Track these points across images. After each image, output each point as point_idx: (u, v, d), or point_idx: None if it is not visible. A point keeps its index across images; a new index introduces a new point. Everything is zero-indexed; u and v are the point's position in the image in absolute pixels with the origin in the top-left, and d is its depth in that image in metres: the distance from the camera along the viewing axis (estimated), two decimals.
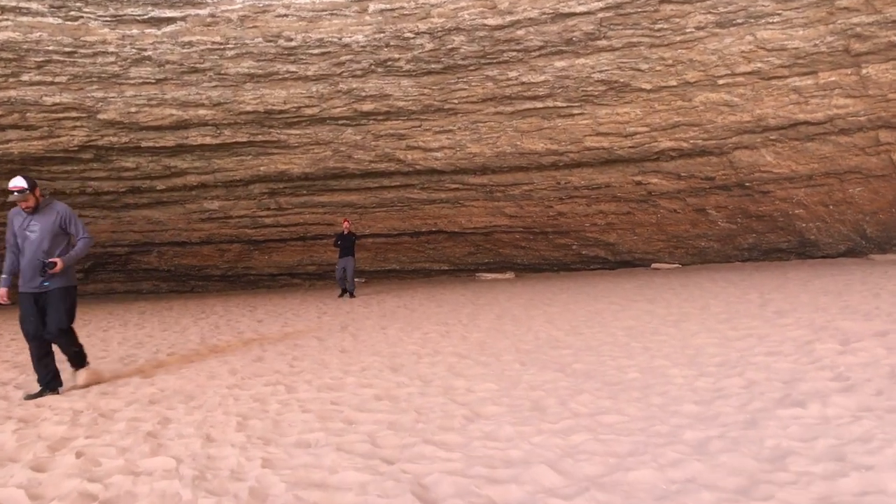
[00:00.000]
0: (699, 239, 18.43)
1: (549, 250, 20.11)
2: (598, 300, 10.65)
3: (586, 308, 9.64)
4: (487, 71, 15.32)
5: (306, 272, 22.07)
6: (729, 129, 15.60)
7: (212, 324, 10.56)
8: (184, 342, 8.61)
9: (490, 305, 10.96)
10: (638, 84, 15.20)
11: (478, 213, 19.34)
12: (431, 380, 5.60)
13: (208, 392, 5.60)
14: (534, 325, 8.20)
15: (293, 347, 7.71)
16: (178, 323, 10.93)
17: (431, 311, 10.53)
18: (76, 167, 17.94)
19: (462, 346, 7.13)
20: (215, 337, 8.92)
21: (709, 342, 6.37)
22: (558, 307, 10.03)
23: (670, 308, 9.03)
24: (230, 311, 12.96)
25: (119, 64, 15.26)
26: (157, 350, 8.05)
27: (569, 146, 16.77)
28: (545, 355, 6.29)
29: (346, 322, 9.79)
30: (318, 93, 15.97)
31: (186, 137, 17.11)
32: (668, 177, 17.24)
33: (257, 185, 19.06)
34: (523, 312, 9.57)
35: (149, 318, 12.34)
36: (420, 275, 22.02)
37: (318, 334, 8.71)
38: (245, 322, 10.56)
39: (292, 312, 11.76)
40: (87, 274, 21.83)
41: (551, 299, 11.27)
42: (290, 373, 6.23)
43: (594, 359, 5.94)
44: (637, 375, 5.23)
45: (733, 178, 16.66)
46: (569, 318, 8.71)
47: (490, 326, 8.38)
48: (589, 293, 12.00)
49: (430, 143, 17.20)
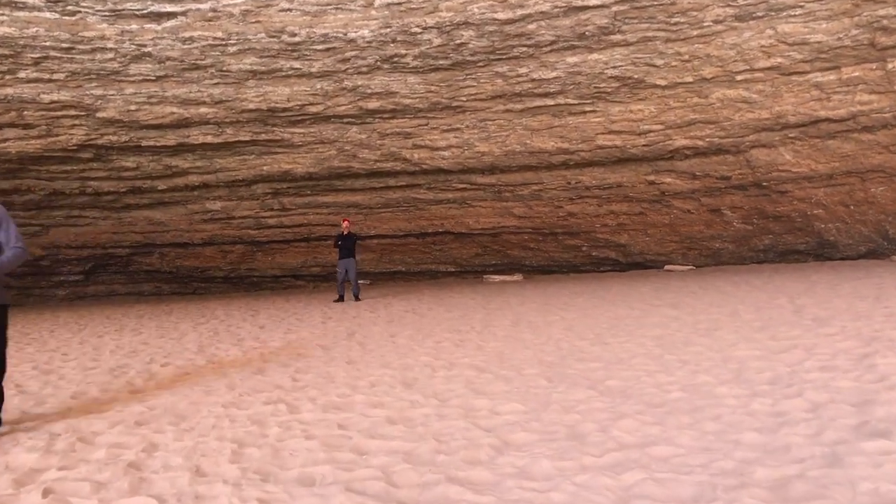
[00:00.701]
0: (713, 240, 17.81)
1: (558, 252, 19.50)
2: (616, 305, 10.03)
3: (606, 314, 9.03)
4: (497, 67, 14.72)
5: (310, 274, 21.49)
6: (746, 126, 14.98)
7: (211, 330, 9.96)
8: (180, 351, 8.02)
9: (503, 310, 10.35)
10: (652, 80, 14.60)
11: (485, 214, 18.74)
12: (449, 398, 5.00)
13: (202, 411, 5.01)
14: (553, 333, 7.58)
15: (296, 358, 7.11)
16: (176, 329, 10.33)
17: (442, 317, 9.92)
18: (75, 167, 17.39)
19: (479, 356, 6.52)
20: (214, 345, 8.32)
21: (751, 354, 5.75)
22: (576, 312, 9.41)
23: (697, 314, 8.41)
24: (231, 315, 12.36)
25: (118, 60, 14.69)
26: (150, 360, 7.46)
27: (580, 145, 16.17)
28: (572, 369, 5.68)
29: (353, 328, 9.18)
30: (323, 90, 15.39)
31: (188, 136, 16.55)
32: (682, 176, 16.63)
33: (260, 185, 18.49)
34: (540, 318, 8.96)
35: (146, 322, 11.75)
36: (426, 276, 21.42)
37: (324, 342, 8.11)
38: (246, 328, 9.97)
39: (296, 317, 11.16)
40: (88, 276, 21.30)
41: (567, 304, 10.66)
42: (292, 388, 5.63)
43: (628, 374, 5.33)
44: (681, 395, 4.62)
45: (750, 177, 16.04)
46: (589, 324, 8.09)
47: (506, 334, 7.76)
48: (605, 297, 11.38)
49: (437, 142, 16.61)
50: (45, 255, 20.18)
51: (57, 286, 21.35)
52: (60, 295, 21.62)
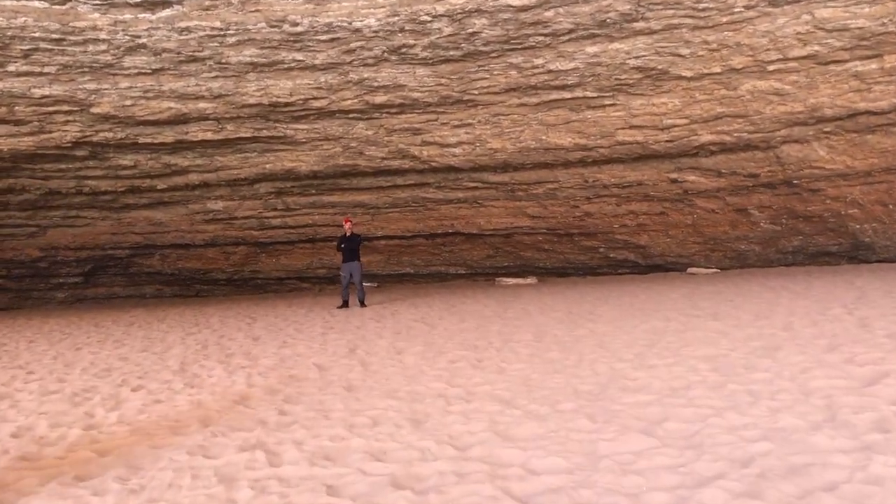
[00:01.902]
0: (739, 241, 16.64)
1: (574, 253, 18.37)
2: (648, 315, 8.90)
3: (640, 326, 7.91)
4: (511, 58, 13.62)
5: (316, 276, 20.45)
6: (778, 120, 13.83)
7: (201, 342, 8.90)
8: (159, 370, 6.96)
9: (522, 321, 9.24)
10: (677, 71, 13.46)
11: (498, 214, 17.63)
12: (468, 445, 3.91)
13: (161, 460, 3.95)
14: (585, 352, 6.48)
15: (287, 381, 6.03)
16: (163, 340, 9.29)
17: (454, 328, 8.83)
18: (71, 165, 16.41)
19: (501, 383, 5.42)
20: (198, 362, 7.26)
21: (835, 386, 4.64)
22: (605, 324, 8.30)
23: (744, 327, 7.28)
24: (226, 323, 11.31)
25: (112, 52, 13.68)
26: (122, 382, 6.41)
27: (599, 140, 15.04)
28: (617, 403, 4.58)
29: (355, 342, 8.10)
30: (327, 83, 14.33)
31: (186, 133, 15.53)
32: (706, 174, 15.47)
33: (263, 185, 17.46)
34: (565, 332, 7.85)
35: (134, 332, 10.70)
36: (435, 279, 20.33)
37: (321, 359, 7.03)
38: (239, 340, 8.91)
39: (294, 327, 10.10)
40: (87, 278, 20.33)
41: (592, 312, 9.54)
42: (277, 426, 4.56)
43: (689, 412, 4.23)
44: (768, 446, 3.52)
45: (780, 175, 14.87)
46: (625, 340, 6.98)
47: (530, 353, 6.66)
48: (633, 305, 10.25)
49: (447, 138, 15.52)
50: (42, 257, 19.23)
51: (56, 288, 20.40)
52: (59, 297, 20.67)
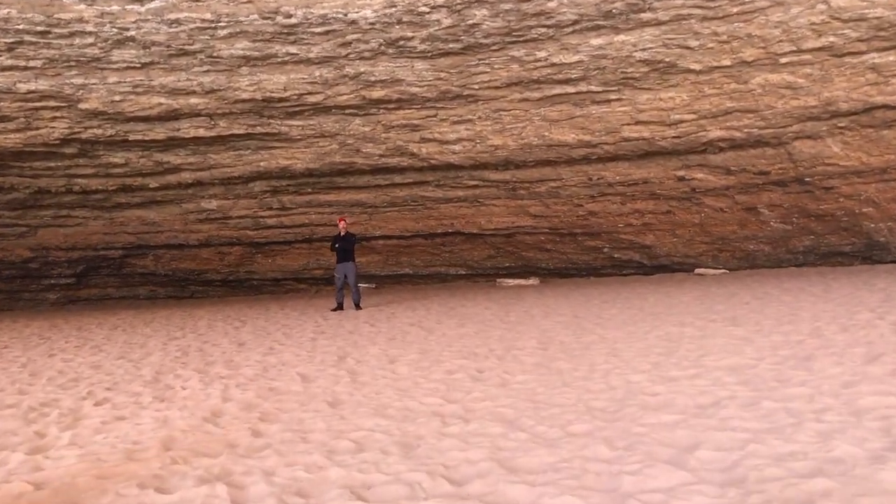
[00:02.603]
0: (748, 241, 15.99)
1: (577, 254, 17.72)
2: (661, 319, 8.25)
3: (654, 332, 7.26)
4: (513, 51, 12.98)
5: (312, 277, 19.82)
6: (790, 115, 13.18)
7: (182, 348, 8.26)
8: (131, 380, 6.32)
9: (525, 325, 8.59)
10: (686, 64, 12.82)
11: (499, 213, 16.99)
12: (467, 478, 3.27)
13: (107, 494, 3.34)
14: (596, 361, 5.83)
15: (267, 394, 5.39)
16: (143, 346, 8.64)
17: (453, 334, 8.18)
18: (60, 163, 15.78)
19: (504, 398, 4.78)
20: (175, 371, 6.62)
21: (888, 404, 3.99)
22: (615, 329, 7.65)
23: (769, 334, 6.63)
24: (214, 327, 10.67)
25: (99, 46, 13.05)
26: (88, 394, 5.77)
27: (603, 137, 14.40)
28: (638, 424, 3.93)
29: (346, 349, 7.45)
30: (322, 78, 13.70)
31: (178, 129, 14.89)
32: (715, 171, 14.83)
33: (258, 183, 16.82)
34: (573, 338, 7.20)
35: (116, 336, 10.06)
36: (435, 280, 19.69)
37: (306, 368, 6.39)
38: (223, 346, 8.26)
39: (284, 331, 9.46)
40: (80, 279, 19.70)
41: (600, 316, 8.89)
42: (247, 450, 3.92)
43: (725, 437, 3.58)
44: (828, 484, 2.88)
45: (791, 172, 14.23)
46: (638, 347, 6.33)
47: (536, 362, 6.01)
48: (643, 308, 9.60)
49: (446, 135, 14.88)
50: (33, 257, 18.60)
51: (47, 289, 19.77)
52: (51, 299, 20.04)
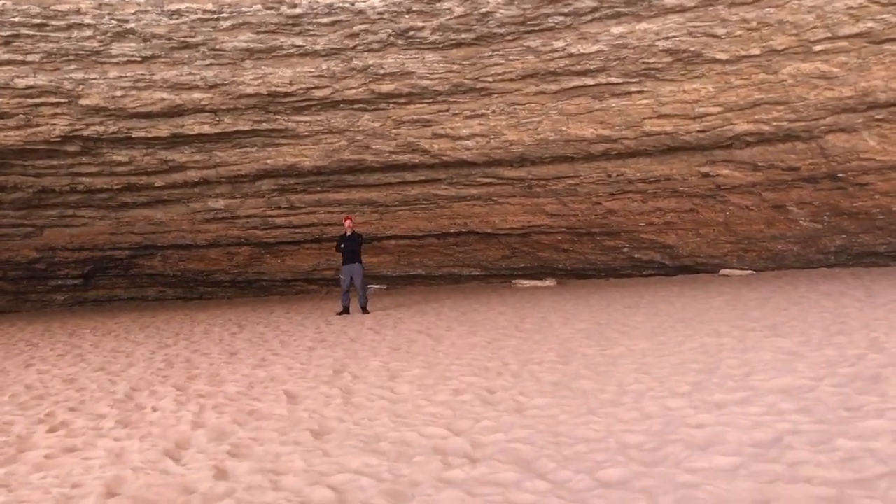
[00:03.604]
0: (775, 241, 15.02)
1: (595, 254, 16.83)
2: (692, 327, 7.38)
3: (686, 343, 6.40)
4: (528, 41, 12.15)
5: (323, 278, 19.08)
6: (823, 107, 12.24)
7: (169, 358, 7.51)
8: (101, 397, 5.58)
9: (542, 334, 7.75)
10: (712, 53, 11.91)
11: (514, 212, 16.15)
12: None
13: None
14: (626, 381, 4.99)
15: (245, 418, 4.61)
16: (130, 355, 7.91)
17: (463, 344, 7.36)
18: (63, 161, 15.17)
19: (519, 429, 3.95)
20: (151, 387, 5.87)
21: None
22: (643, 340, 6.79)
23: (819, 347, 5.75)
24: (210, 333, 9.93)
25: (98, 39, 12.40)
26: (46, 416, 5.03)
27: (624, 131, 13.52)
28: (685, 469, 3.10)
29: (344, 361, 6.66)
30: (329, 71, 12.94)
31: (182, 126, 14.22)
32: (741, 167, 13.89)
33: (265, 181, 16.11)
34: (596, 350, 6.35)
35: (106, 343, 9.35)
36: (448, 281, 18.87)
37: (296, 385, 5.60)
38: (213, 356, 7.51)
39: (281, 338, 8.69)
40: (87, 280, 19.10)
41: (624, 324, 8.03)
42: (203, 500, 3.11)
43: (800, 492, 2.75)
44: None
45: (823, 167, 13.26)
46: (672, 363, 5.48)
47: (556, 380, 5.18)
48: (670, 313, 8.73)
49: (459, 130, 14.07)
50: (39, 258, 18.01)
51: (55, 291, 19.20)
52: (59, 300, 19.48)
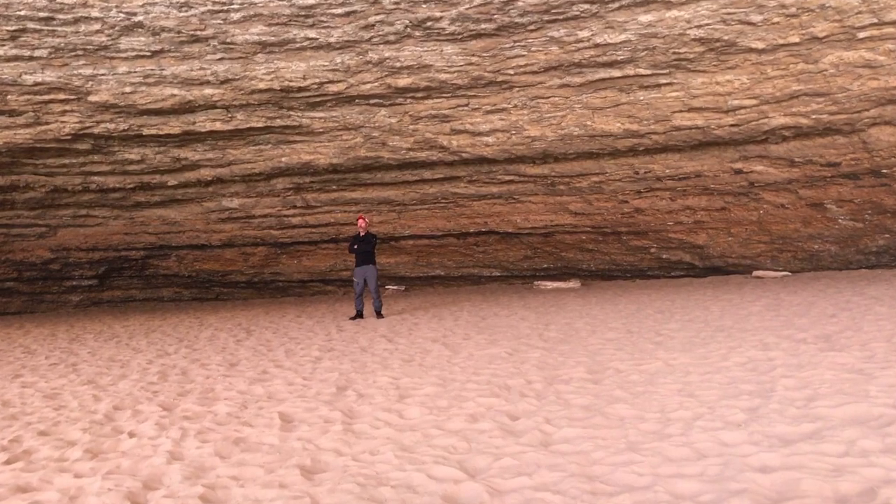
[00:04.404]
0: (812, 240, 14.13)
1: (621, 254, 16.04)
2: (733, 337, 6.63)
3: (731, 356, 5.65)
4: (552, 31, 11.44)
5: (340, 279, 18.51)
6: (867, 98, 11.38)
7: (164, 369, 6.92)
8: (79, 417, 5.00)
9: (569, 344, 7.03)
10: (747, 42, 11.10)
11: (536, 211, 15.42)
12: None
13: None
14: (669, 405, 4.27)
15: (230, 448, 3.97)
16: (125, 365, 7.35)
17: (482, 355, 6.67)
18: (74, 160, 14.75)
19: (546, 472, 3.26)
20: (137, 405, 5.28)
21: None
22: (681, 351, 6.05)
23: (885, 362, 5.00)
24: (215, 339, 9.35)
25: (106, 33, 11.92)
26: (10, 442, 4.45)
27: (652, 126, 12.74)
28: None
29: (350, 375, 6.01)
30: (344, 65, 12.34)
31: (193, 123, 13.71)
32: (776, 163, 13.03)
33: (280, 180, 15.55)
34: (630, 364, 5.63)
35: (104, 351, 8.80)
36: (468, 281, 18.19)
37: (294, 406, 4.96)
38: (212, 367, 6.91)
39: (288, 346, 8.07)
40: (102, 280, 18.71)
41: (658, 332, 7.29)
42: None
43: None
44: None
45: (865, 163, 12.38)
46: (719, 382, 4.75)
47: (587, 404, 4.48)
48: (707, 320, 7.97)
49: (479, 126, 13.39)
50: (54, 258, 17.64)
51: (69, 291, 18.84)
52: (74, 301, 19.13)
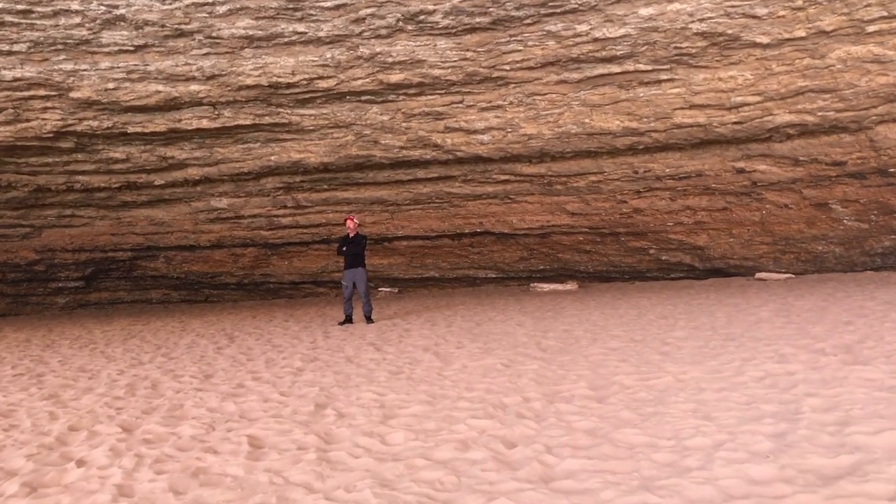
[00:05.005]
0: (816, 241, 13.67)
1: (619, 255, 15.56)
2: (745, 346, 6.14)
3: (747, 369, 5.17)
4: (549, 24, 10.97)
5: (332, 280, 18.00)
6: (875, 94, 10.94)
7: (134, 382, 6.41)
8: (28, 441, 4.48)
9: (569, 354, 6.54)
10: (751, 37, 10.65)
11: (533, 211, 14.94)
12: None
13: None
14: (684, 430, 3.77)
15: (189, 481, 3.48)
16: (94, 377, 6.82)
17: (476, 367, 6.17)
18: (58, 159, 14.21)
19: None
20: (95, 424, 4.75)
21: None
22: (691, 363, 5.56)
23: None
24: (195, 347, 8.83)
25: (87, 26, 11.40)
26: None
27: (652, 123, 12.28)
28: None
29: (332, 390, 5.49)
30: (334, 60, 11.84)
31: (179, 120, 13.19)
32: (780, 162, 12.58)
33: (270, 179, 15.03)
34: (638, 380, 5.14)
35: (75, 360, 8.27)
36: (463, 283, 17.70)
37: (265, 428, 4.44)
38: (184, 379, 6.40)
39: (269, 356, 7.56)
40: (89, 282, 18.17)
41: (664, 341, 6.80)
42: None
43: None
44: None
45: (872, 161, 11.94)
46: (738, 401, 4.26)
47: (592, 428, 3.98)
48: (714, 327, 7.48)
49: (474, 123, 12.91)
50: (39, 260, 17.08)
51: (55, 293, 18.30)
52: (60, 303, 18.60)
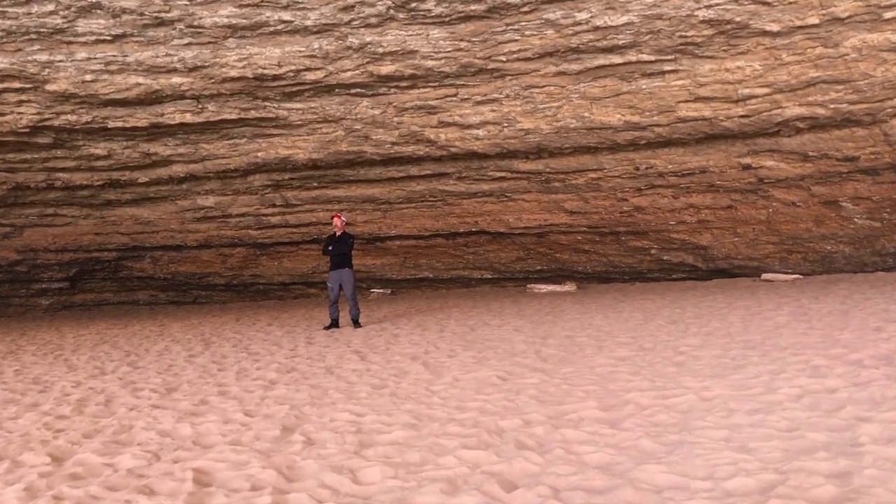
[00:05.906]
0: (824, 241, 13.00)
1: (619, 255, 14.87)
2: (770, 356, 5.47)
3: (780, 387, 4.48)
4: (547, 12, 10.29)
5: (323, 280, 17.25)
6: (892, 85, 10.34)
7: (87, 396, 5.70)
8: None
9: (573, 365, 5.83)
10: (761, 25, 9.97)
11: (530, 209, 14.26)
12: None
13: None
14: (720, 469, 3.08)
15: None
16: (46, 389, 6.13)
17: (469, 380, 5.46)
18: (36, 155, 13.50)
19: None
20: (24, 452, 4.04)
21: None
22: (712, 377, 4.87)
23: None
24: (165, 354, 8.11)
25: (62, 14, 10.71)
26: None
27: (655, 117, 11.60)
28: None
29: (303, 409, 4.78)
30: (322, 50, 11.16)
31: (161, 115, 12.49)
32: (788, 158, 11.91)
33: (257, 177, 14.32)
34: (655, 397, 4.45)
35: (36, 369, 7.55)
36: (458, 284, 17.00)
37: (219, 457, 3.74)
38: (143, 392, 5.70)
39: (242, 365, 6.87)
40: (73, 283, 17.42)
41: (677, 350, 6.11)
42: None
43: None
44: None
45: (887, 157, 11.28)
46: (777, 426, 3.57)
47: (607, 463, 3.29)
48: (730, 333, 6.79)
49: (468, 118, 12.22)
50: (20, 260, 16.34)
51: (39, 294, 17.57)
52: (44, 304, 17.88)
